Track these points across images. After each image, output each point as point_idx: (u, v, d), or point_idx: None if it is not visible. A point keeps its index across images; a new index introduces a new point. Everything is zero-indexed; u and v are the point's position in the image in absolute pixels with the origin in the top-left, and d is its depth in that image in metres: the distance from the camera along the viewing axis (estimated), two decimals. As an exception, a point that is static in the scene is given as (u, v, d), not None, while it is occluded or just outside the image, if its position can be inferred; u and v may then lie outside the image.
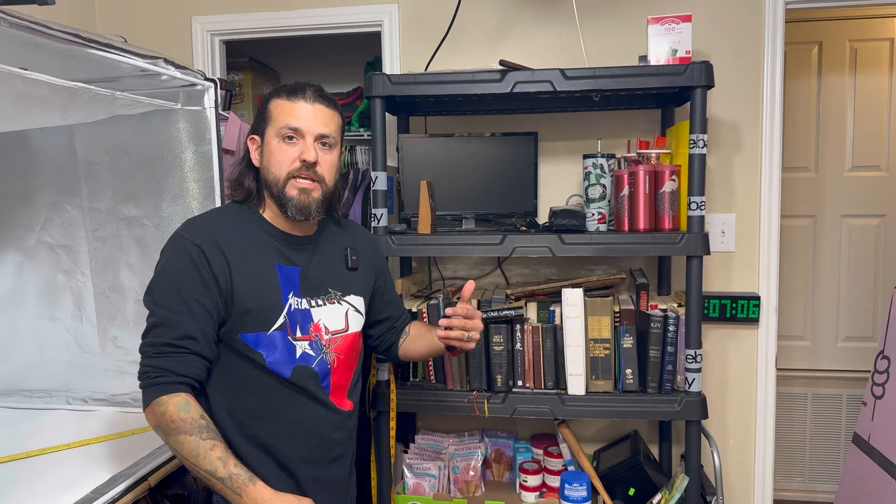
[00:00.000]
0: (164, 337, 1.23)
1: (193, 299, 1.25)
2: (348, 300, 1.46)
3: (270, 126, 1.35)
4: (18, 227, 1.95)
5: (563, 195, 2.31)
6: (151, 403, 1.22)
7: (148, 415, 1.24)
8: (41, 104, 1.41)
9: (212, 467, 1.18)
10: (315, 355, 1.38)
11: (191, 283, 1.26)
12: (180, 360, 1.24)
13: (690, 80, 1.80)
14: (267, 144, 1.36)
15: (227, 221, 1.37)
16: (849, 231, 3.12)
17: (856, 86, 3.07)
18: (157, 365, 1.23)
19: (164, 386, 1.22)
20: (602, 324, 1.93)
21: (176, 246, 1.30)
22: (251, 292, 1.31)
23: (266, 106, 1.38)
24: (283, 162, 1.34)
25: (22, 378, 1.99)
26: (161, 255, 1.32)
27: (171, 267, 1.28)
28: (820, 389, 3.16)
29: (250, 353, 1.31)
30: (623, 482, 2.04)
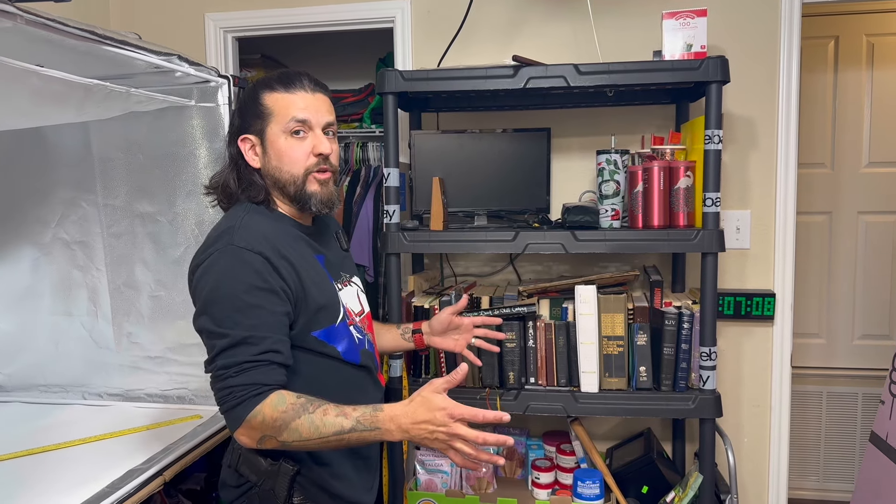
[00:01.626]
0: (242, 355, 1.15)
1: (267, 311, 1.18)
2: (355, 281, 1.46)
3: (273, 123, 1.27)
4: (34, 223, 1.97)
5: (576, 191, 2.30)
6: (246, 420, 1.13)
7: (245, 434, 1.15)
8: (57, 101, 1.42)
9: (337, 428, 1.11)
10: (363, 336, 1.39)
11: (261, 294, 1.17)
12: (265, 372, 1.15)
13: (705, 76, 1.78)
14: (272, 143, 1.28)
15: (269, 223, 1.28)
16: (865, 228, 3.08)
17: (873, 81, 3.03)
18: (240, 383, 1.14)
19: (251, 399, 1.13)
20: (615, 321, 1.91)
21: (235, 257, 1.19)
22: (318, 289, 1.27)
23: (258, 101, 1.28)
24: (298, 159, 1.28)
25: (38, 373, 2.02)
26: (211, 271, 1.19)
27: (234, 281, 1.17)
28: (835, 387, 3.12)
29: (325, 348, 1.28)
30: (636, 480, 2.03)
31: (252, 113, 1.29)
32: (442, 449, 1.10)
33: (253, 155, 1.31)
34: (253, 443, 1.16)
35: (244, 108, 1.31)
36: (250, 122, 1.30)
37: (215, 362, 1.16)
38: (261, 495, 1.25)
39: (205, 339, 1.19)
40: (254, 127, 1.29)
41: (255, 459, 1.25)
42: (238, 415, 1.14)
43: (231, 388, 1.14)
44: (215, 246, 1.21)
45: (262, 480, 1.24)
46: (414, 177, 2.19)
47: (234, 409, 1.14)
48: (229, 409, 1.15)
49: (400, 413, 1.11)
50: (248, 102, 1.30)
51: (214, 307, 1.18)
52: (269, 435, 1.14)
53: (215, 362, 1.16)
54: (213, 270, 1.19)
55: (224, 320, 1.16)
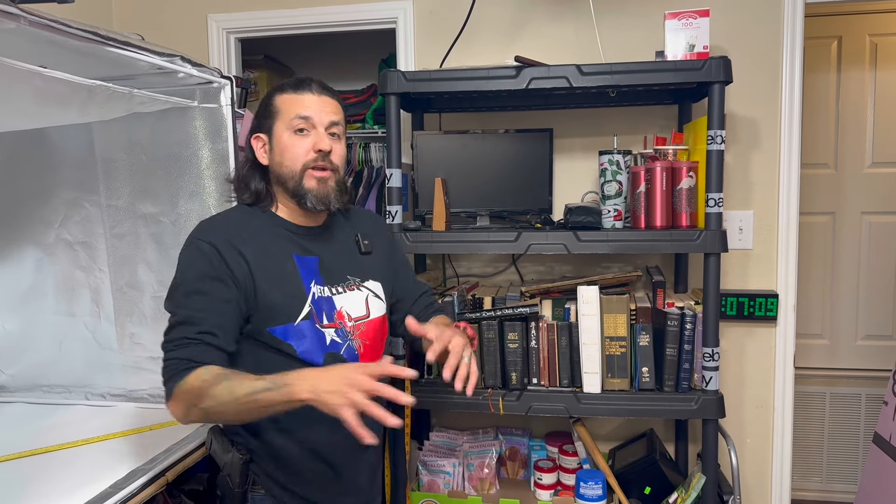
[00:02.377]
0: (183, 332, 1.23)
1: (212, 296, 1.25)
2: (367, 286, 1.46)
3: (279, 121, 1.35)
4: (38, 224, 1.97)
5: (579, 192, 2.30)
6: (175, 390, 1.19)
7: (173, 406, 1.20)
8: (60, 102, 1.43)
9: (249, 388, 1.12)
10: (342, 342, 1.38)
11: (207, 281, 1.26)
12: (200, 350, 1.22)
13: (708, 76, 1.78)
14: (277, 140, 1.35)
15: (239, 219, 1.37)
16: (868, 228, 3.08)
17: (876, 81, 3.02)
18: (177, 356, 1.21)
19: (182, 372, 1.19)
20: (618, 321, 1.91)
21: (190, 248, 1.30)
22: (273, 285, 1.31)
23: (270, 102, 1.37)
24: (297, 155, 1.34)
25: (41, 374, 2.02)
26: (178, 262, 1.32)
27: (187, 269, 1.29)
28: (838, 388, 3.12)
29: (280, 345, 1.31)
30: (639, 481, 2.03)
31: (265, 113, 1.38)
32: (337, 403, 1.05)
33: (263, 153, 1.39)
34: (181, 414, 1.21)
35: (261, 109, 1.39)
36: (262, 122, 1.38)
37: (165, 338, 1.25)
38: (221, 481, 1.35)
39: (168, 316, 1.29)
40: (264, 126, 1.38)
41: (219, 445, 1.36)
42: (169, 388, 1.20)
43: (168, 362, 1.22)
44: (190, 237, 1.33)
45: (224, 465, 1.35)
46: (416, 177, 2.19)
47: (167, 382, 1.21)
48: (164, 382, 1.22)
49: (313, 373, 1.12)
50: (263, 104, 1.39)
51: (173, 292, 1.29)
52: (191, 404, 1.18)
53: (165, 338, 1.25)
54: (179, 261, 1.31)
55: (175, 303, 1.27)
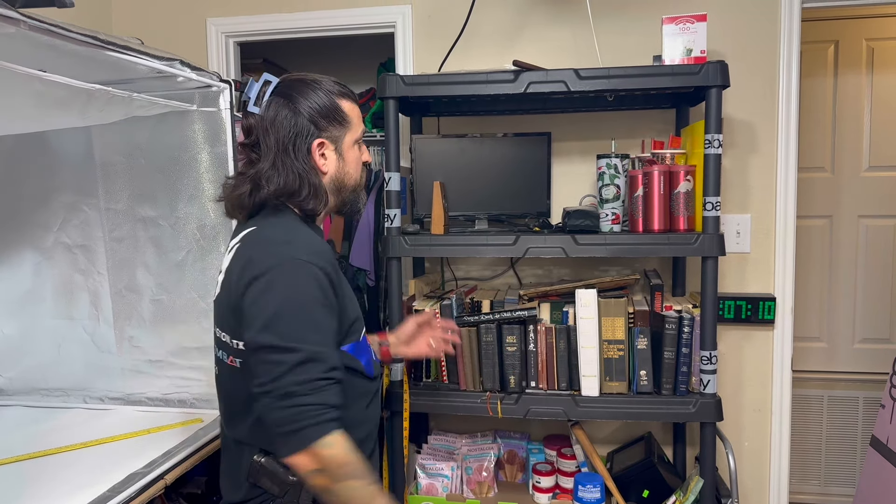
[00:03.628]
0: (315, 372, 1.12)
1: (326, 327, 1.17)
2: None
3: (350, 132, 1.30)
4: (36, 227, 1.98)
5: (577, 196, 2.30)
6: (314, 444, 1.10)
7: (304, 459, 1.11)
8: (59, 106, 1.43)
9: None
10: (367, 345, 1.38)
11: (322, 311, 1.17)
12: (334, 393, 1.14)
13: (705, 80, 1.79)
14: (346, 150, 1.31)
15: (316, 237, 1.28)
16: (865, 232, 3.08)
17: (873, 85, 3.03)
18: (316, 402, 1.11)
19: (329, 423, 1.12)
20: (616, 325, 1.92)
21: (301, 271, 1.16)
22: (350, 304, 1.28)
23: (338, 108, 1.28)
24: (359, 167, 1.35)
25: (40, 377, 2.02)
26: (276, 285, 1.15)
27: (302, 296, 1.15)
28: (836, 391, 3.12)
29: (352, 362, 1.27)
30: (637, 484, 2.03)
31: (332, 119, 1.28)
32: None
33: (323, 160, 1.28)
34: (306, 469, 1.12)
35: (321, 112, 1.26)
36: (326, 127, 1.27)
37: (284, 379, 1.11)
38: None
39: (264, 355, 1.13)
40: (330, 132, 1.28)
41: (279, 472, 1.22)
42: (308, 436, 1.11)
43: (304, 407, 1.11)
44: (277, 258, 1.17)
45: (286, 493, 1.22)
46: (415, 181, 2.19)
47: (304, 429, 1.11)
48: (298, 429, 1.11)
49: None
50: (327, 108, 1.27)
51: (282, 322, 1.13)
52: (327, 472, 1.12)
53: (284, 379, 1.11)
54: (278, 284, 1.15)
55: (292, 336, 1.12)
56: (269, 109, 1.25)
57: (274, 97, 1.26)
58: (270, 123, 1.25)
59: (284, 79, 1.30)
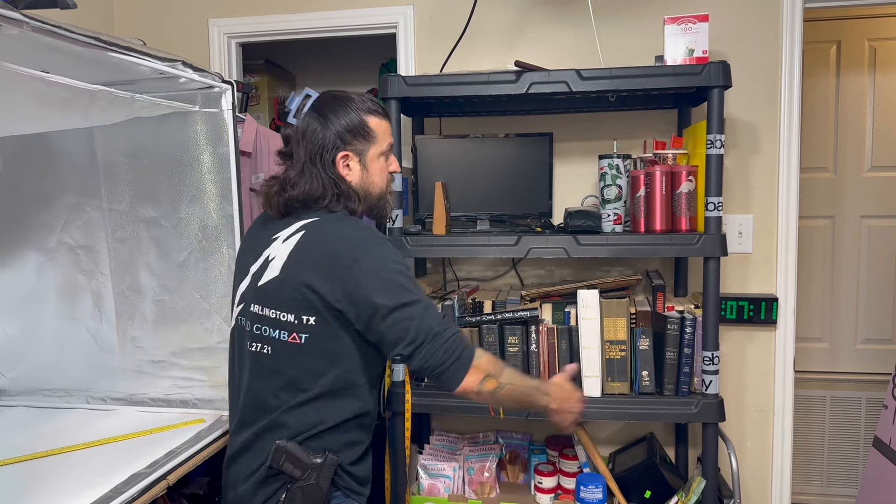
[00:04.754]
0: (438, 312, 1.36)
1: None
2: None
3: (375, 145, 1.45)
4: (39, 228, 1.97)
5: (579, 196, 2.30)
6: (473, 362, 1.34)
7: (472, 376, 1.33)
8: (62, 106, 1.43)
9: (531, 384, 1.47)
10: None
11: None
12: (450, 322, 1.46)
13: (707, 80, 1.79)
14: (371, 162, 1.46)
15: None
16: (868, 232, 3.08)
17: (875, 85, 3.03)
18: (454, 331, 1.34)
19: (468, 347, 1.36)
20: (618, 325, 1.92)
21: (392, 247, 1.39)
22: None
23: (364, 124, 1.43)
24: (384, 177, 1.49)
25: (42, 377, 2.02)
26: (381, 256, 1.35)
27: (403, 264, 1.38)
28: (838, 392, 3.12)
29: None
30: (639, 484, 2.03)
31: (357, 134, 1.43)
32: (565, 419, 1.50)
33: (347, 171, 1.44)
34: (475, 384, 1.33)
35: (349, 128, 1.42)
36: (351, 141, 1.43)
37: (425, 322, 1.30)
38: (304, 489, 1.34)
39: (398, 314, 1.30)
40: (355, 145, 1.43)
41: (302, 454, 1.34)
42: (467, 357, 1.33)
43: (451, 339, 1.32)
44: (372, 240, 1.37)
45: (307, 474, 1.34)
46: (417, 181, 2.19)
47: (461, 356, 1.32)
48: (458, 357, 1.32)
49: (555, 389, 1.48)
50: (354, 124, 1.42)
51: (404, 282, 1.34)
52: (491, 374, 1.35)
53: (425, 322, 1.30)
54: (384, 257, 1.34)
55: (414, 290, 1.34)
56: (303, 122, 1.43)
57: (310, 111, 1.44)
58: (302, 135, 1.42)
59: (323, 94, 1.49)
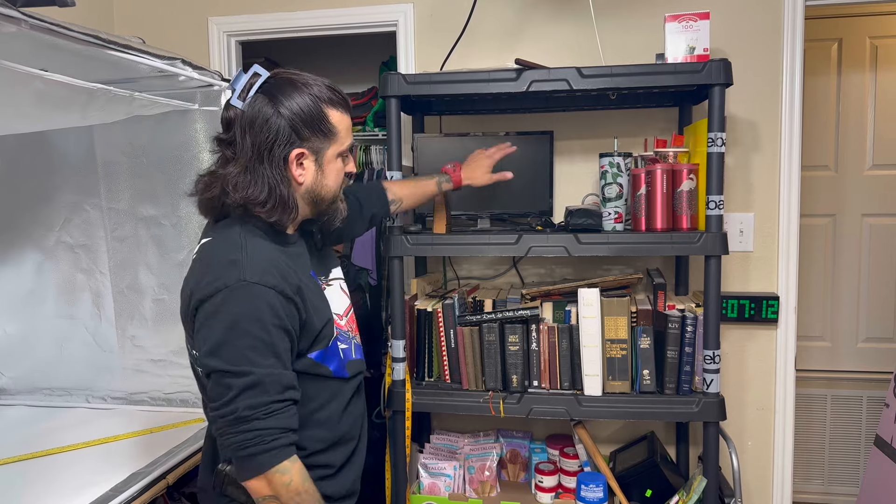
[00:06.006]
0: (268, 395, 1.11)
1: (281, 348, 1.15)
2: (333, 276, 1.41)
3: (335, 144, 1.23)
4: (38, 227, 1.98)
5: (579, 194, 2.30)
6: (270, 471, 1.11)
7: (259, 484, 1.12)
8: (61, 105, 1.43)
9: None
10: (348, 346, 1.36)
11: (276, 333, 1.13)
12: (289, 415, 1.14)
13: (708, 78, 1.78)
14: (327, 163, 1.24)
15: (271, 247, 1.21)
16: (869, 230, 3.08)
17: (876, 83, 3.02)
18: (270, 426, 1.11)
19: (283, 450, 1.12)
20: (619, 324, 1.91)
21: (249, 294, 1.12)
22: (316, 314, 1.24)
23: (325, 118, 1.20)
24: (339, 179, 1.28)
25: (42, 376, 2.02)
26: (223, 311, 1.12)
27: (251, 319, 1.11)
28: (840, 391, 3.12)
29: (318, 369, 1.26)
30: (640, 483, 2.03)
31: (316, 128, 1.20)
32: None
33: (301, 171, 1.21)
34: (260, 494, 1.12)
35: (304, 119, 1.18)
36: (309, 136, 1.20)
37: (235, 403, 1.10)
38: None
39: (216, 378, 1.12)
40: (312, 142, 1.21)
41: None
42: (263, 462, 1.10)
43: (259, 432, 1.10)
44: (223, 280, 1.13)
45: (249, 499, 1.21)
46: (417, 180, 2.18)
47: (259, 455, 1.10)
48: (254, 454, 1.10)
49: None
50: (312, 116, 1.19)
51: (227, 348, 1.11)
52: (280, 499, 1.12)
53: (235, 403, 1.10)
54: (224, 310, 1.12)
55: (240, 360, 1.11)
56: (251, 106, 1.17)
57: (259, 94, 1.18)
58: (249, 123, 1.17)
59: (275, 74, 1.22)
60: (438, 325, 2.01)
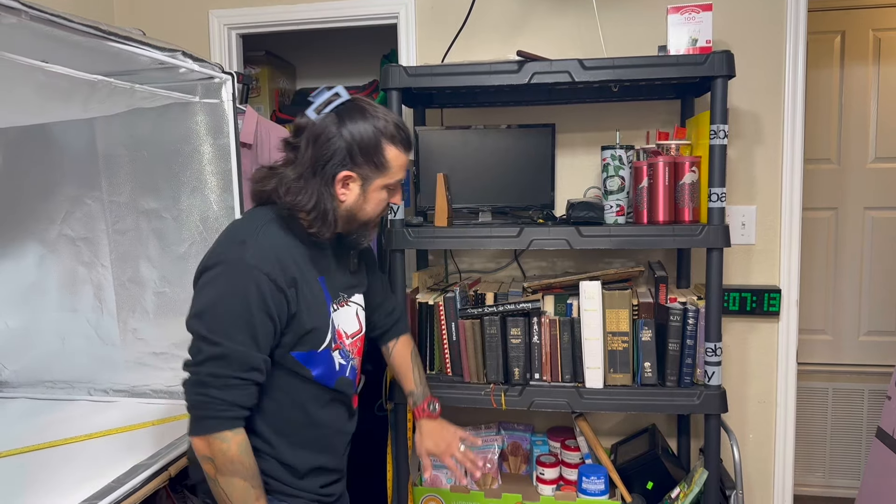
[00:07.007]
0: (230, 369, 1.20)
1: (260, 331, 1.22)
2: (355, 300, 1.46)
3: (383, 176, 1.32)
4: (40, 220, 1.98)
5: (581, 188, 2.29)
6: (212, 435, 1.19)
7: (201, 443, 1.21)
8: (62, 97, 1.43)
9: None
10: (346, 363, 1.40)
11: (259, 315, 1.21)
12: (246, 393, 1.22)
13: (711, 70, 1.77)
14: (371, 191, 1.33)
15: (282, 238, 1.29)
16: (871, 223, 3.07)
17: (879, 76, 3.01)
18: (223, 398, 1.19)
19: (229, 420, 1.20)
20: (620, 317, 1.91)
21: (244, 274, 1.21)
22: (309, 313, 1.30)
23: (381, 151, 1.30)
24: (379, 208, 1.37)
25: (44, 369, 2.02)
26: (217, 282, 1.22)
27: (238, 297, 1.20)
28: (841, 384, 3.11)
29: (299, 368, 1.31)
30: (641, 476, 2.03)
31: (370, 158, 1.29)
32: None
33: (345, 191, 1.31)
34: (199, 453, 1.22)
35: (361, 147, 1.28)
36: (361, 163, 1.29)
37: (201, 367, 1.20)
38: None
39: (192, 341, 1.23)
40: (363, 169, 1.30)
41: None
42: (208, 427, 1.20)
43: (212, 399, 1.19)
44: (226, 255, 1.24)
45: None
46: (418, 173, 2.18)
47: (206, 419, 1.20)
48: (202, 417, 1.20)
49: None
50: (369, 146, 1.29)
51: (210, 315, 1.21)
52: (215, 463, 1.20)
53: (201, 367, 1.20)
54: (218, 282, 1.22)
55: (217, 330, 1.20)
56: (321, 122, 1.28)
57: (332, 113, 1.29)
58: (315, 137, 1.28)
59: (354, 99, 1.32)
60: (440, 318, 2.01)
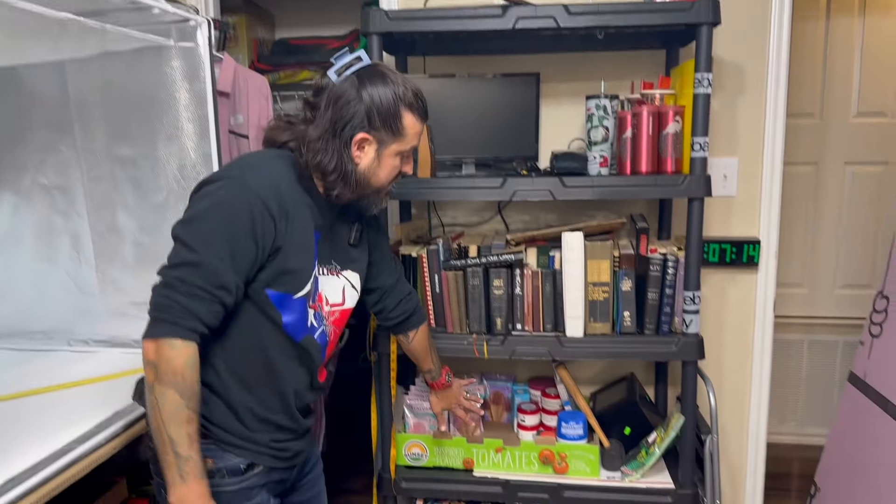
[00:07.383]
0: (200, 279, 1.16)
1: (240, 251, 1.20)
2: (346, 275, 1.44)
3: (399, 142, 1.32)
4: (12, 168, 1.93)
5: (566, 139, 2.28)
6: (162, 338, 1.15)
7: (150, 346, 1.15)
8: (31, 36, 1.38)
9: (177, 438, 1.14)
10: (318, 326, 1.37)
11: (244, 236, 1.19)
12: (209, 309, 1.18)
13: (697, 17, 1.75)
14: (385, 156, 1.33)
15: (289, 176, 1.30)
16: (851, 178, 3.10)
17: (864, 28, 3.00)
18: (185, 305, 1.15)
19: (184, 330, 1.15)
20: (601, 267, 1.92)
21: (240, 193, 1.21)
22: (294, 254, 1.27)
23: (398, 116, 1.30)
24: (391, 175, 1.37)
25: (22, 320, 2.00)
26: (213, 195, 1.21)
27: (228, 211, 1.19)
28: (816, 336, 3.19)
29: (269, 309, 1.28)
30: (619, 421, 2.07)
31: (387, 123, 1.30)
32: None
33: (360, 153, 1.31)
34: (146, 356, 1.16)
35: (380, 111, 1.28)
36: (378, 127, 1.30)
37: (172, 270, 1.18)
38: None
39: (174, 245, 1.21)
40: (380, 133, 1.30)
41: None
42: (161, 330, 1.15)
43: (173, 303, 1.15)
44: (227, 173, 1.25)
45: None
46: (400, 122, 2.15)
47: (162, 322, 1.15)
48: (159, 319, 1.16)
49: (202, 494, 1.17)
50: (387, 111, 1.29)
51: (195, 224, 1.20)
52: (157, 369, 1.14)
53: (172, 270, 1.18)
54: (213, 195, 1.21)
55: (198, 239, 1.18)
56: (342, 84, 1.28)
57: (352, 76, 1.28)
58: (335, 99, 1.28)
59: (375, 64, 1.32)
60: (423, 270, 2.01)
